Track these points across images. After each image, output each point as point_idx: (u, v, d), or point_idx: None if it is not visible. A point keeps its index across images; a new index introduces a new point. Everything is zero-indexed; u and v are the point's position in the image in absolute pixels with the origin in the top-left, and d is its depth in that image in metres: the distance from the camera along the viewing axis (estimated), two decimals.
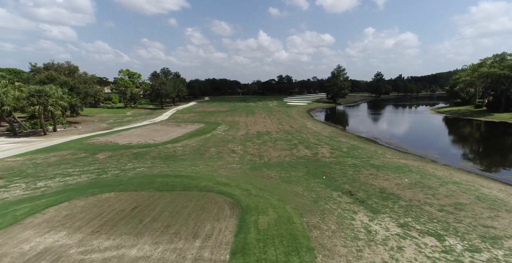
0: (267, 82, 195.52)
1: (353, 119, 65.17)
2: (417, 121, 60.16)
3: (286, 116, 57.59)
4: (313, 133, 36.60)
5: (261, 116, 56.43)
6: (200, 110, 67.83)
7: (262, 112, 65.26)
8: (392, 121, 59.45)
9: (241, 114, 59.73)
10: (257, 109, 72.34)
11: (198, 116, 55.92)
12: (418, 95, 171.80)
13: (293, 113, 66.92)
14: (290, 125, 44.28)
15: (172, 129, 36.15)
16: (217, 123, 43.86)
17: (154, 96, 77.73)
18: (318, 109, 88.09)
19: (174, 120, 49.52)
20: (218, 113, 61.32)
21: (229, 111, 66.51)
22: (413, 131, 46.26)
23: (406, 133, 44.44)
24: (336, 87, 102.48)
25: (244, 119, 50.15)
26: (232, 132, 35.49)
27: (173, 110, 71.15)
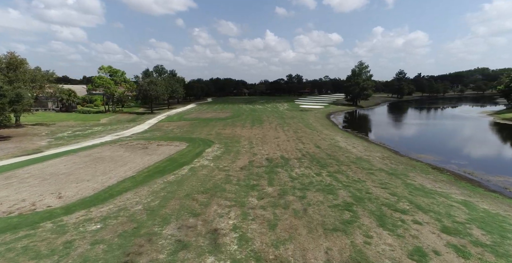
0: (275, 82, 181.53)
1: (393, 129, 50.06)
2: (487, 132, 45.07)
3: (304, 126, 43.34)
4: (357, 161, 22.36)
5: (272, 125, 42.33)
6: (195, 117, 54.18)
7: (272, 119, 51.18)
8: (454, 133, 44.43)
9: (245, 122, 45.78)
10: (266, 115, 58.29)
11: (188, 126, 42.21)
12: (444, 96, 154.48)
13: (311, 120, 52.58)
14: (315, 142, 30.11)
15: (128, 156, 22.44)
16: (208, 140, 29.99)
17: (142, 98, 64.61)
18: (339, 114, 73.38)
19: (151, 132, 35.94)
20: (216, 121, 47.48)
21: (230, 117, 52.63)
22: (502, 151, 31.60)
23: (493, 154, 29.80)
24: (358, 87, 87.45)
25: (248, 132, 36.16)
26: (226, 161, 21.59)
27: (162, 116, 57.83)
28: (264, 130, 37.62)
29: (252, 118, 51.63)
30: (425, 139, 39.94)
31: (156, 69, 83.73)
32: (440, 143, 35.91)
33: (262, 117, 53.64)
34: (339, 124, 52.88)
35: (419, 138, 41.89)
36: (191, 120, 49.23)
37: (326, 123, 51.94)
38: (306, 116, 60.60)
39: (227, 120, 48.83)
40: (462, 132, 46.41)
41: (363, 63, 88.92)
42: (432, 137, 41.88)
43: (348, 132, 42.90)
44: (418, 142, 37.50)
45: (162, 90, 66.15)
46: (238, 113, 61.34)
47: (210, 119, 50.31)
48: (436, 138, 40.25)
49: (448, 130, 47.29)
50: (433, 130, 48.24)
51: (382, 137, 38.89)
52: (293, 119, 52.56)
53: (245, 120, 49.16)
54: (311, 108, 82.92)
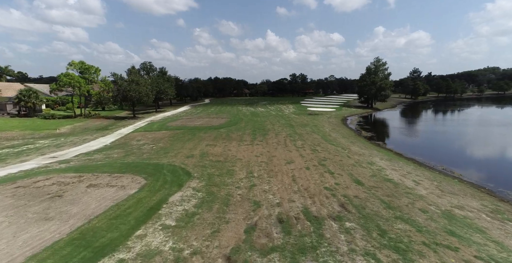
0: (278, 82, 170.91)
1: (443, 142, 37.67)
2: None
3: (322, 138, 32.48)
4: (455, 229, 11.55)
5: (279, 138, 31.51)
6: (181, 124, 43.34)
7: (279, 127, 40.35)
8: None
9: (243, 133, 34.95)
10: (270, 121, 47.47)
11: (167, 139, 31.42)
12: (462, 96, 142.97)
13: (327, 129, 41.73)
14: (350, 172, 19.29)
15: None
16: (182, 171, 19.06)
17: (121, 100, 53.99)
18: (356, 118, 62.43)
19: (107, 152, 24.91)
20: (206, 131, 36.65)
21: (226, 125, 41.79)
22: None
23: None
24: (374, 87, 76.43)
25: (248, 152, 25.36)
26: (202, 231, 10.95)
27: (143, 122, 47.15)
28: (270, 147, 26.76)
29: (253, 126, 40.81)
30: (485, 156, 28.94)
31: (144, 67, 73.05)
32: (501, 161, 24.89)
33: (265, 125, 42.80)
34: (363, 134, 41.96)
35: (500, 160, 29.21)
36: (175, 129, 38.44)
37: (347, 133, 41.02)
38: (318, 122, 49.75)
39: (221, 129, 38.02)
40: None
41: (380, 59, 77.95)
42: (485, 149, 30.98)
43: (382, 147, 32.00)
44: (485, 165, 26.50)
45: (146, 90, 55.54)
46: (236, 119, 50.54)
47: (199, 128, 39.51)
48: (495, 153, 29.30)
49: (497, 136, 36.41)
50: (482, 138, 37.27)
51: (438, 158, 27.70)
52: (304, 127, 41.70)
53: (244, 129, 38.34)
54: (321, 111, 72.12)
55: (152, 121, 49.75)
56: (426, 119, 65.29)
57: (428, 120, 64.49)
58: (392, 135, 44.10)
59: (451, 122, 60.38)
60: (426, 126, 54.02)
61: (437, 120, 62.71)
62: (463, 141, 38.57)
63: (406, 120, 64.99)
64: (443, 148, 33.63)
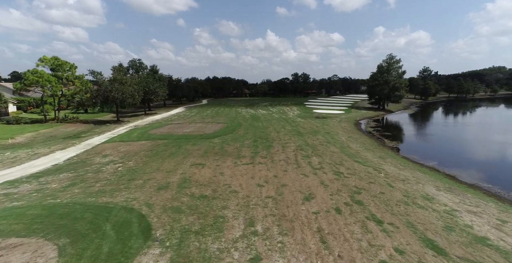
0: (280, 82, 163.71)
1: (490, 153, 30.51)
2: None
3: (343, 153, 25.32)
4: None
5: (287, 153, 24.33)
6: (166, 132, 36.08)
7: (285, 135, 33.14)
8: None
9: (242, 145, 27.74)
10: (273, 127, 40.29)
11: (143, 154, 24.24)
12: (474, 97, 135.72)
13: (343, 138, 34.58)
14: (406, 217, 12.14)
15: None
16: (139, 225, 11.90)
17: (102, 102, 46.84)
18: (369, 122, 55.25)
19: (49, 176, 17.66)
20: (195, 142, 29.44)
21: (220, 134, 34.56)
22: None
23: None
24: (387, 87, 69.25)
25: (247, 177, 18.22)
26: None
27: (124, 128, 39.97)
28: (277, 168, 19.59)
29: (253, 134, 33.63)
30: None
31: (132, 64, 65.86)
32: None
33: (268, 132, 35.63)
34: (387, 143, 34.76)
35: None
36: (158, 138, 31.22)
37: (368, 142, 33.81)
38: (330, 127, 42.60)
39: (214, 139, 30.82)
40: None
41: (394, 56, 70.66)
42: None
43: (423, 165, 24.74)
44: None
45: (131, 90, 48.42)
46: (234, 124, 43.38)
47: (188, 137, 32.31)
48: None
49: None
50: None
51: (479, 174, 20.63)
52: (315, 135, 34.52)
53: (243, 138, 31.16)
54: (329, 113, 65.03)
55: (136, 127, 42.62)
56: (454, 123, 56.84)
57: (457, 124, 55.76)
58: (423, 145, 36.62)
59: (487, 126, 52.61)
60: (460, 132, 46.31)
61: (469, 125, 54.24)
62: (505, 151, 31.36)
63: (429, 124, 56.94)
64: (494, 161, 26.41)
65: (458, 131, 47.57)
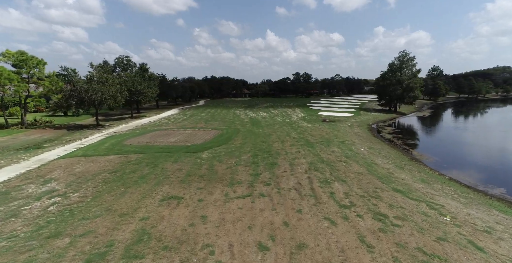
0: (280, 82, 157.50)
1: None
2: None
3: (373, 175, 18.93)
4: None
5: (299, 177, 17.97)
6: (146, 142, 29.58)
7: (292, 147, 26.68)
8: None
9: (237, 163, 21.29)
10: (276, 134, 33.88)
11: (96, 184, 17.89)
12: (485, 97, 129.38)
13: (363, 149, 28.19)
14: None
15: None
16: None
17: (76, 104, 40.41)
18: (385, 127, 48.86)
19: None
20: (178, 157, 22.98)
21: (212, 145, 28.09)
22: None
23: None
24: (401, 87, 62.90)
25: (241, 227, 11.91)
26: None
27: (98, 136, 33.58)
28: (287, 206, 13.21)
29: (253, 146, 27.22)
30: None
31: (119, 62, 59.39)
32: None
33: (271, 142, 29.23)
34: (417, 155, 28.29)
35: None
36: (131, 151, 24.78)
37: (395, 155, 27.36)
38: (342, 134, 36.24)
39: (203, 153, 24.40)
40: None
41: (407, 53, 64.17)
42: None
43: (490, 195, 18.35)
44: None
45: (112, 91, 42.07)
46: (231, 131, 37.02)
47: (172, 149, 25.87)
48: None
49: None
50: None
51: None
52: (328, 145, 28.13)
53: (239, 152, 24.74)
54: (336, 116, 58.76)
55: (115, 133, 36.28)
56: (488, 128, 49.60)
57: (491, 129, 48.52)
58: (465, 158, 29.17)
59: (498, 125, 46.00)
60: (504, 139, 39.56)
61: (508, 131, 47.30)
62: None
63: (457, 129, 49.17)
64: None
65: (501, 138, 40.43)
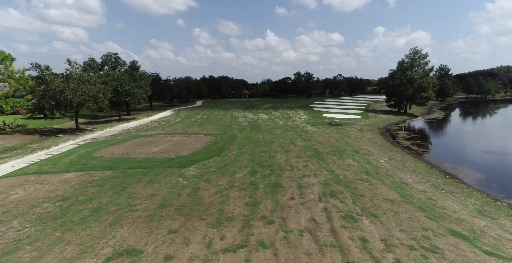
0: (281, 81, 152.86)
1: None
2: None
3: (416, 208, 14.05)
4: None
5: (312, 212, 13.17)
6: (122, 154, 24.63)
7: (298, 159, 21.82)
8: None
9: (229, 183, 16.48)
10: (279, 141, 28.97)
11: (25, 225, 13.15)
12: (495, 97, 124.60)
13: (383, 161, 23.32)
14: None
15: None
16: None
17: (51, 107, 35.57)
18: (399, 131, 44.03)
19: None
20: (154, 176, 18.17)
21: (201, 158, 23.15)
22: None
23: None
24: (412, 87, 58.12)
25: None
26: None
27: (70, 144, 28.73)
28: None
29: (251, 158, 22.39)
30: None
31: (106, 60, 54.60)
32: None
33: (273, 153, 24.38)
34: (450, 169, 23.42)
35: None
36: (99, 167, 19.94)
37: (424, 169, 22.51)
38: (354, 141, 31.41)
39: (188, 169, 19.58)
40: None
41: (419, 50, 59.31)
42: None
43: None
44: None
45: (92, 91, 37.29)
46: (226, 138, 32.21)
47: (149, 164, 21.04)
48: None
49: None
50: None
51: None
52: (341, 156, 23.30)
53: (233, 167, 19.91)
54: (343, 119, 53.98)
55: (94, 140, 31.52)
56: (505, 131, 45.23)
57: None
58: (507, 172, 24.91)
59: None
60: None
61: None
62: None
63: (483, 133, 44.14)
64: None
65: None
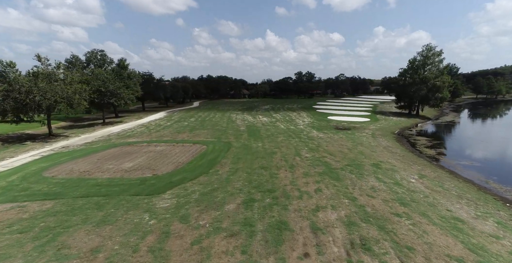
0: (282, 81, 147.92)
1: None
2: None
3: None
4: None
5: None
6: (81, 172, 19.76)
7: (306, 179, 16.99)
8: None
9: (215, 222, 11.64)
10: (281, 151, 24.05)
11: None
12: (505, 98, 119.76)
13: (413, 180, 18.28)
14: None
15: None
16: None
17: (13, 110, 30.75)
18: (416, 137, 39.11)
19: None
20: (114, 206, 13.37)
21: (185, 175, 18.22)
22: None
23: None
24: (425, 86, 53.27)
25: None
26: None
27: (29, 156, 23.93)
28: None
29: (248, 176, 17.54)
30: None
31: (91, 57, 49.76)
32: None
33: (275, 169, 19.52)
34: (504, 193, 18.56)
35: None
36: (40, 196, 15.14)
37: (475, 195, 17.60)
38: (370, 150, 26.53)
39: (164, 195, 14.75)
40: None
41: (433, 47, 54.42)
42: None
43: None
44: None
45: (67, 92, 32.48)
46: (219, 147, 27.34)
47: (112, 189, 16.22)
48: None
49: None
50: None
51: None
52: (360, 173, 18.42)
53: (224, 191, 15.06)
54: (350, 122, 49.17)
55: (63, 149, 26.74)
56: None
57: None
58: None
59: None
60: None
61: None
62: None
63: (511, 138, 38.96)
64: None
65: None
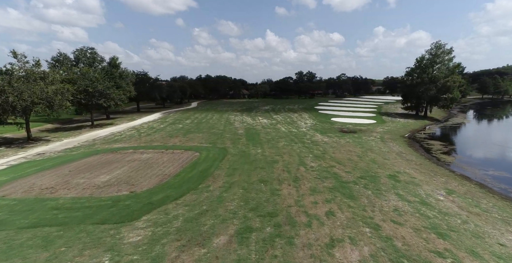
0: (282, 81, 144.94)
1: None
2: None
3: None
4: None
5: None
6: (37, 191, 16.68)
7: (314, 196, 13.97)
8: None
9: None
10: (283, 160, 21.03)
11: None
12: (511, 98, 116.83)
13: (441, 197, 15.13)
14: None
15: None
16: None
17: None
18: (429, 141, 36.09)
19: None
20: (64, 243, 10.39)
21: (169, 192, 15.21)
22: None
23: None
24: (434, 86, 50.29)
25: None
26: None
27: None
28: None
29: (244, 193, 14.60)
30: None
31: (80, 55, 46.74)
32: None
33: (276, 181, 16.55)
34: None
35: None
36: None
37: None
38: (382, 157, 23.56)
39: (138, 224, 11.85)
40: None
41: (443, 45, 51.47)
42: None
43: None
44: None
45: (46, 93, 29.52)
46: (214, 154, 24.36)
47: (72, 215, 13.28)
48: None
49: None
50: None
51: None
52: (376, 187, 15.44)
53: (214, 215, 12.20)
54: (355, 124, 46.21)
55: (38, 156, 23.80)
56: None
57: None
58: None
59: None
60: None
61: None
62: None
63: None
64: None
65: None
